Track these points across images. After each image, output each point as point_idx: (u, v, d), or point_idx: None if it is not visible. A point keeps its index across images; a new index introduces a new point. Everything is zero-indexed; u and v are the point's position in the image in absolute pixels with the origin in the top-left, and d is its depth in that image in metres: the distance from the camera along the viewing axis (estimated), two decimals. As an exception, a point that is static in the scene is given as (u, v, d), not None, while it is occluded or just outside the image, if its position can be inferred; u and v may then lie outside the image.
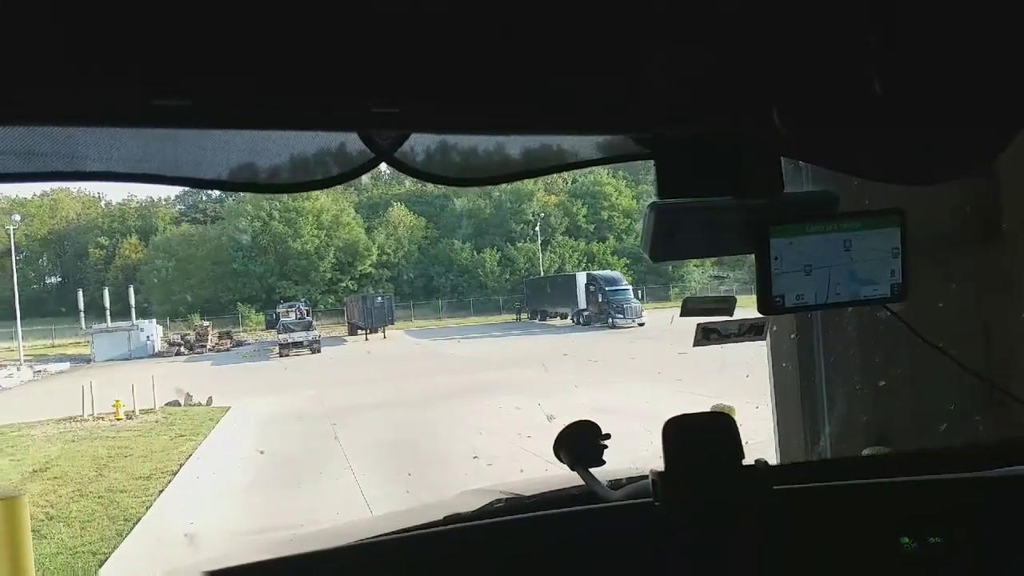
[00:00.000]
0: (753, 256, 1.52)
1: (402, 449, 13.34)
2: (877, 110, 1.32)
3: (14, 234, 51.17)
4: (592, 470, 1.90)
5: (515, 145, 1.53)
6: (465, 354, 29.77)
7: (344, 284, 58.36)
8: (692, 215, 1.56)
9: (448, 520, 1.74)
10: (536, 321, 46.84)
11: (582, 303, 41.91)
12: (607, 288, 39.66)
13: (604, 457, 1.95)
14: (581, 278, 43.05)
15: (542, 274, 55.18)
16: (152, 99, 1.01)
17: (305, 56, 1.06)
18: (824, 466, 2.21)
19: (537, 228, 59.69)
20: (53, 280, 64.33)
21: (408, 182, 73.95)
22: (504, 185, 64.92)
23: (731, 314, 2.63)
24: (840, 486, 1.70)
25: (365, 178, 73.88)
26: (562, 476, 1.97)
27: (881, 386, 2.54)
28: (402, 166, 1.34)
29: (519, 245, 59.99)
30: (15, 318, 41.36)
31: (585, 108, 1.22)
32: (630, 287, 41.01)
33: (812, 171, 2.25)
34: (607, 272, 45.12)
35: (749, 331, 2.79)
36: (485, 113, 1.21)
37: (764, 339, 2.77)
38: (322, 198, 61.76)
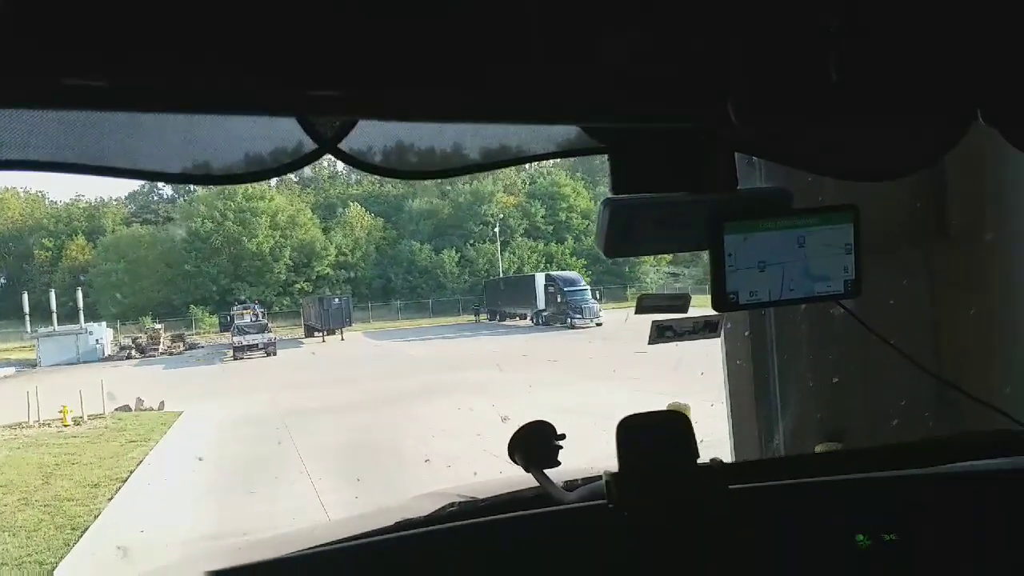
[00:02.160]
0: (708, 253, 1.50)
1: (359, 452, 13.19)
2: (830, 106, 1.32)
3: (-47, 235, 49.34)
4: (548, 471, 1.89)
5: (466, 137, 1.49)
6: (424, 355, 29.62)
7: (300, 285, 57.59)
8: (647, 211, 1.54)
9: (400, 526, 1.71)
10: (496, 322, 46.85)
11: (541, 304, 42.06)
12: (565, 289, 39.87)
13: (560, 457, 1.94)
14: (540, 279, 43.21)
15: (501, 275, 55.22)
16: (62, 79, 0.92)
17: (234, 30, 0.98)
18: (778, 464, 2.22)
19: (496, 229, 59.72)
20: (-4, 282, 62.16)
21: (366, 181, 73.39)
22: (463, 186, 64.97)
23: (686, 311, 2.63)
24: (795, 484, 1.69)
25: (321, 176, 73.16)
26: (518, 478, 1.95)
27: (835, 383, 2.58)
28: (345, 157, 1.29)
29: (478, 246, 59.95)
30: (-45, 322, 39.87)
31: (536, 97, 1.19)
32: (588, 288, 41.28)
33: (766, 168, 2.26)
34: (566, 273, 45.36)
35: (703, 328, 2.81)
36: (432, 100, 1.14)
37: (719, 336, 2.79)
38: (277, 198, 60.93)
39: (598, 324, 37.09)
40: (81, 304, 44.58)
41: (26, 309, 44.12)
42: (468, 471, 10.12)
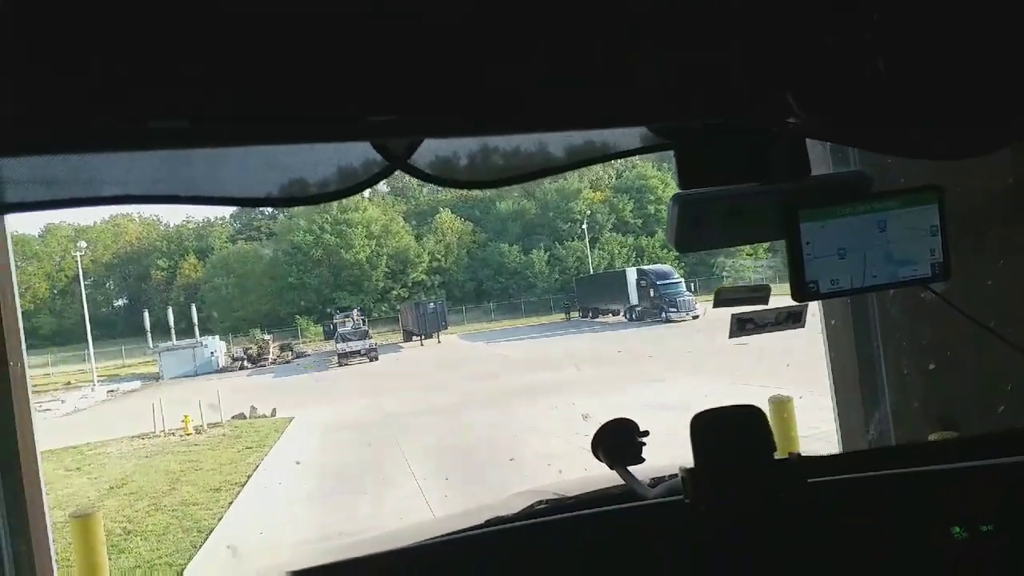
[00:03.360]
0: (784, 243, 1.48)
1: (459, 453, 13.44)
2: (905, 84, 1.28)
3: (81, 260, 53.33)
4: (633, 468, 1.90)
5: (530, 143, 1.51)
6: (519, 355, 29.82)
7: (396, 292, 59.15)
8: (717, 204, 1.53)
9: (489, 523, 1.76)
10: (588, 319, 46.63)
11: (633, 299, 41.57)
12: (658, 282, 39.24)
13: (652, 455, 1.95)
14: (631, 274, 42.73)
15: (591, 272, 54.92)
16: (149, 122, 1.01)
17: (302, 69, 1.05)
18: (863, 456, 2.15)
19: (584, 226, 59.43)
20: (120, 302, 66.83)
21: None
22: (549, 184, 64.91)
23: (766, 303, 2.57)
24: (879, 476, 1.64)
25: (411, 185, 74.67)
26: (610, 475, 1.97)
27: (935, 369, 2.47)
28: (415, 172, 1.34)
29: (567, 244, 59.85)
30: (87, 341, 43.06)
31: (599, 105, 1.21)
32: (682, 280, 40.49)
33: (846, 153, 2.19)
34: (657, 266, 44.65)
35: (786, 319, 2.74)
36: (495, 113, 1.18)
37: (802, 326, 2.71)
38: (371, 209, 62.75)
39: (694, 317, 36.30)
40: (196, 319, 47.29)
41: (147, 326, 47.20)
42: (567, 469, 10.15)
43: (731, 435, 1.60)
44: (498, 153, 1.53)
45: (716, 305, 2.66)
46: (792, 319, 2.73)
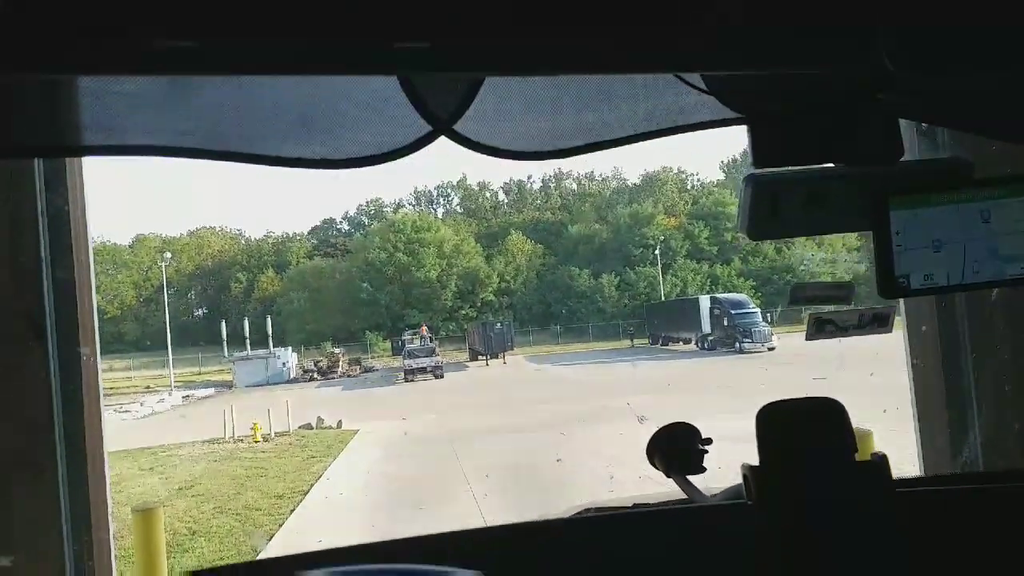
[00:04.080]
0: (872, 234, 1.28)
1: (520, 473, 13.21)
2: (1016, 61, 1.05)
3: (165, 270, 55.82)
4: (693, 478, 1.75)
5: (587, 113, 1.36)
6: (584, 379, 29.45)
7: (465, 311, 59.64)
8: (796, 187, 1.35)
9: (533, 524, 1.63)
10: (658, 346, 45.84)
11: (706, 327, 40.67)
12: (733, 311, 38.28)
13: (705, 464, 1.81)
14: (704, 301, 41.85)
15: (663, 298, 54.11)
16: (154, 40, 0.90)
17: None
18: (967, 479, 1.88)
19: (657, 251, 58.73)
20: (200, 312, 69.56)
21: (526, 209, 75.09)
22: (622, 209, 64.65)
23: (849, 302, 2.31)
24: (982, 490, 1.45)
25: (484, 206, 75.60)
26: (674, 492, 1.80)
27: None
28: (460, 138, 1.21)
29: (638, 269, 59.24)
30: (167, 347, 44.86)
31: (657, 43, 1.00)
32: (757, 310, 39.42)
33: (935, 140, 1.94)
34: (732, 295, 43.68)
35: (872, 322, 2.44)
36: (537, 50, 1.00)
37: (888, 330, 2.42)
38: (443, 228, 63.76)
39: (770, 349, 35.21)
40: (270, 330, 48.70)
41: (224, 336, 48.95)
42: (628, 494, 9.81)
43: (804, 430, 1.45)
44: (551, 123, 1.36)
45: (791, 303, 2.41)
46: (878, 322, 2.44)
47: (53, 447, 2.20)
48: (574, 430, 17.00)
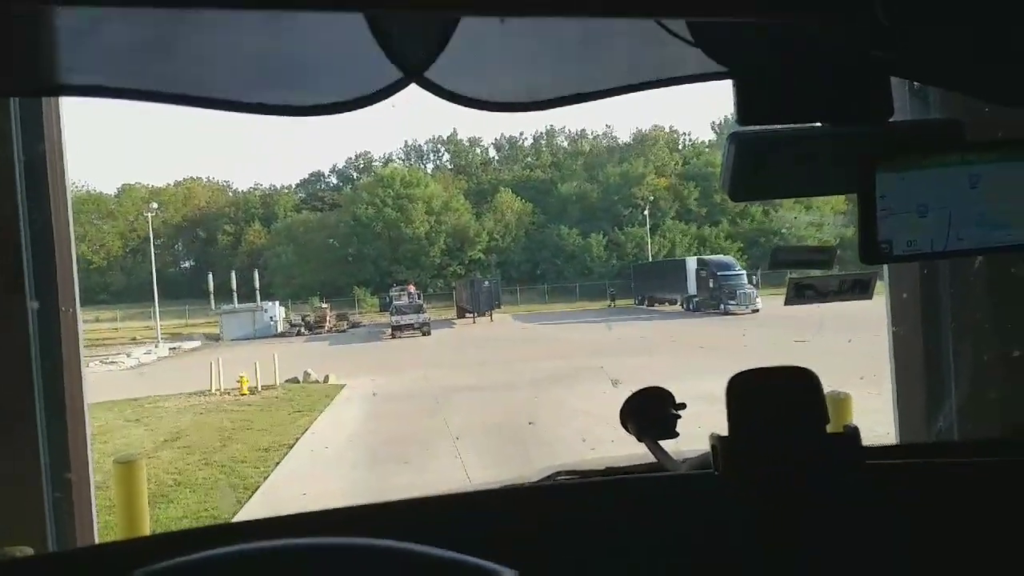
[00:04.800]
0: (855, 196, 1.25)
1: (504, 430, 13.36)
2: (1014, 18, 1.03)
3: (152, 221, 55.18)
4: (665, 443, 1.74)
5: (567, 63, 1.32)
6: (570, 338, 29.60)
7: (453, 269, 59.50)
8: (781, 146, 1.31)
9: (505, 489, 1.64)
10: (645, 307, 46.05)
11: (692, 289, 40.81)
12: (719, 273, 38.39)
13: (678, 429, 1.79)
14: (691, 263, 41.91)
15: (650, 259, 54.17)
16: None
17: None
18: (939, 449, 1.90)
19: (646, 212, 58.57)
20: (187, 264, 69.06)
21: (517, 167, 74.42)
22: (612, 168, 64.22)
23: (830, 267, 2.31)
24: (956, 464, 1.44)
25: (474, 163, 74.88)
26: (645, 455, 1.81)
27: (1017, 356, 2.18)
28: (431, 86, 1.17)
29: (627, 230, 59.12)
30: (154, 299, 44.60)
31: None
32: (744, 272, 39.50)
33: (936, 97, 1.91)
34: (719, 257, 43.72)
35: (852, 288, 2.43)
36: None
37: (869, 297, 2.42)
38: (432, 185, 63.18)
39: (754, 311, 35.44)
40: (258, 284, 48.48)
41: (211, 288, 48.68)
42: (608, 452, 9.95)
43: (775, 400, 1.41)
44: (528, 74, 1.32)
45: (772, 266, 2.41)
46: (859, 288, 2.44)
47: (32, 400, 2.19)
48: (556, 389, 17.16)
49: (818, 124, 1.33)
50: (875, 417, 3.00)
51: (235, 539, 0.94)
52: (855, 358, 11.59)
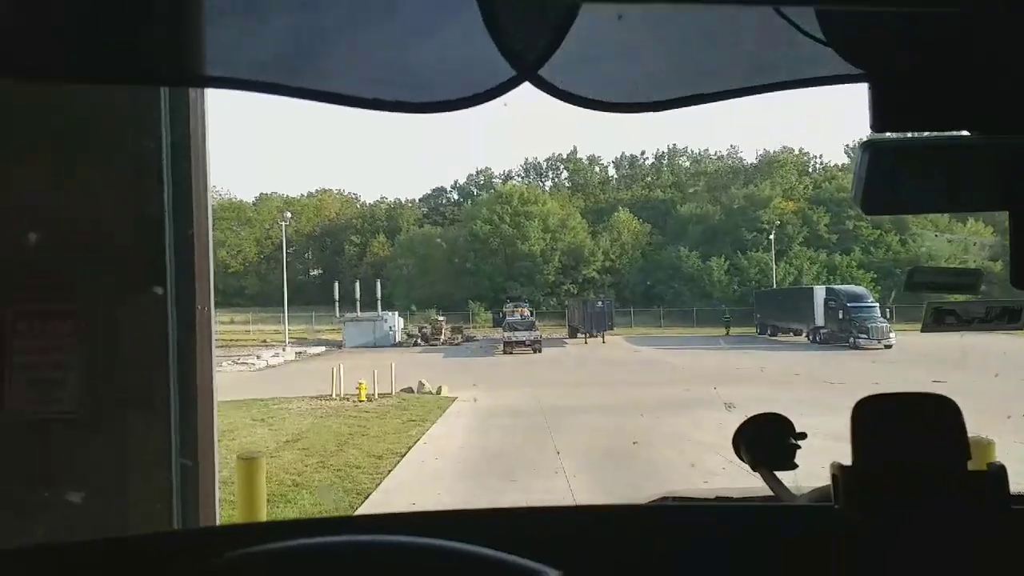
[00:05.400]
0: (1007, 214, 1.10)
1: (615, 454, 13.10)
2: None
3: (285, 229, 58.49)
4: (782, 474, 1.61)
5: (687, 62, 1.23)
6: (686, 365, 28.81)
7: (567, 287, 59.50)
8: (920, 156, 1.18)
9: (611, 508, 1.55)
10: (766, 336, 44.23)
11: (819, 320, 38.84)
12: (849, 304, 36.36)
13: (797, 459, 1.66)
14: (819, 292, 39.92)
15: (775, 286, 52.06)
16: None
17: None
18: None
19: (771, 236, 56.43)
20: (315, 272, 72.63)
21: (635, 186, 73.79)
22: (737, 191, 62.38)
23: (976, 292, 2.05)
24: None
25: (592, 181, 74.89)
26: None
27: None
28: (545, 85, 1.10)
29: (750, 254, 57.16)
30: (284, 304, 47.17)
31: None
32: (876, 304, 37.23)
33: None
34: (850, 287, 41.45)
35: (1000, 316, 2.16)
36: None
37: (1021, 327, 2.14)
38: (549, 202, 63.63)
39: (886, 346, 33.27)
40: (379, 294, 50.31)
41: (336, 297, 50.98)
42: (723, 483, 9.56)
43: (908, 429, 1.29)
44: (646, 71, 1.24)
45: (909, 288, 2.19)
46: (1009, 317, 2.17)
47: (167, 391, 2.28)
48: (667, 415, 16.70)
49: (964, 132, 1.18)
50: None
51: (317, 532, 0.94)
52: (1002, 399, 10.64)
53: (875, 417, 1.30)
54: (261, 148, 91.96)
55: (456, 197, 78.73)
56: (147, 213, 2.15)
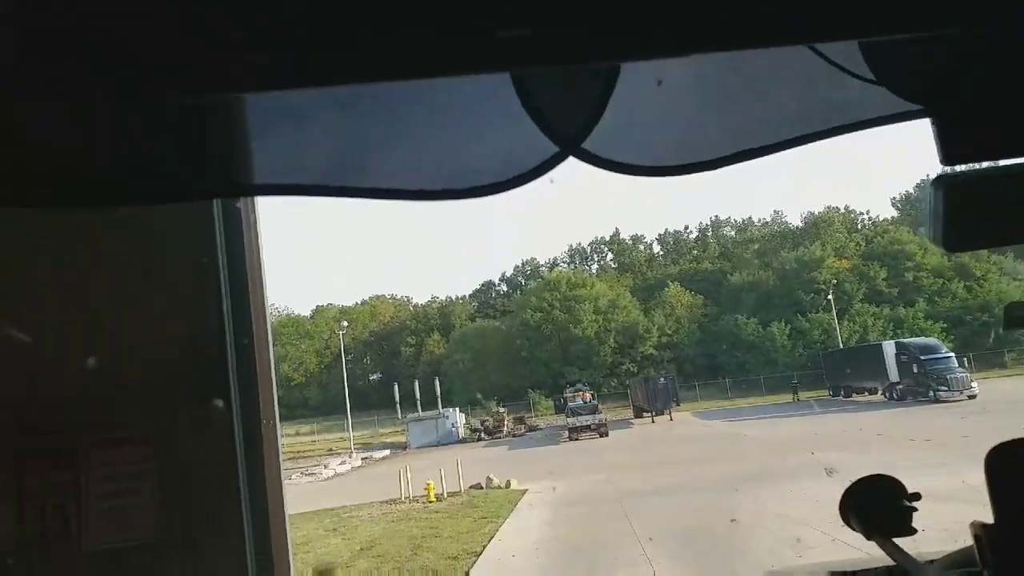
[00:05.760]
0: None
1: (697, 535, 12.46)
2: None
3: (343, 338, 59.58)
4: (900, 540, 1.46)
5: (731, 117, 1.17)
6: (760, 436, 27.75)
7: (626, 367, 58.69)
8: (995, 185, 1.11)
9: None
10: (840, 398, 42.52)
11: (893, 376, 37.29)
12: (922, 357, 34.87)
13: (915, 524, 1.50)
14: (889, 348, 38.51)
15: (840, 346, 50.42)
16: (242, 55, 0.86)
17: None
18: None
19: (830, 296, 55.12)
20: (375, 376, 73.39)
21: (682, 260, 73.55)
22: (786, 254, 61.57)
23: None
24: None
25: (638, 260, 74.97)
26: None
27: None
28: (591, 157, 1.08)
29: (811, 316, 55.80)
30: (346, 412, 47.52)
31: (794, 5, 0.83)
32: (951, 354, 35.64)
33: None
34: (921, 339, 39.91)
35: None
36: (667, 27, 0.86)
37: None
38: (598, 284, 63.73)
39: (970, 396, 31.61)
40: (439, 391, 50.36)
41: (396, 398, 51.18)
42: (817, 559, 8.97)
43: None
44: (690, 131, 1.20)
45: (1007, 327, 2.03)
46: None
47: (239, 509, 2.23)
48: (751, 488, 15.94)
49: None
50: None
51: None
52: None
53: (1015, 465, 1.18)
54: (313, 262, 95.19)
55: (505, 289, 79.56)
56: (208, 330, 2.15)
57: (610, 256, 79.36)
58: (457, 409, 47.37)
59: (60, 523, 2.02)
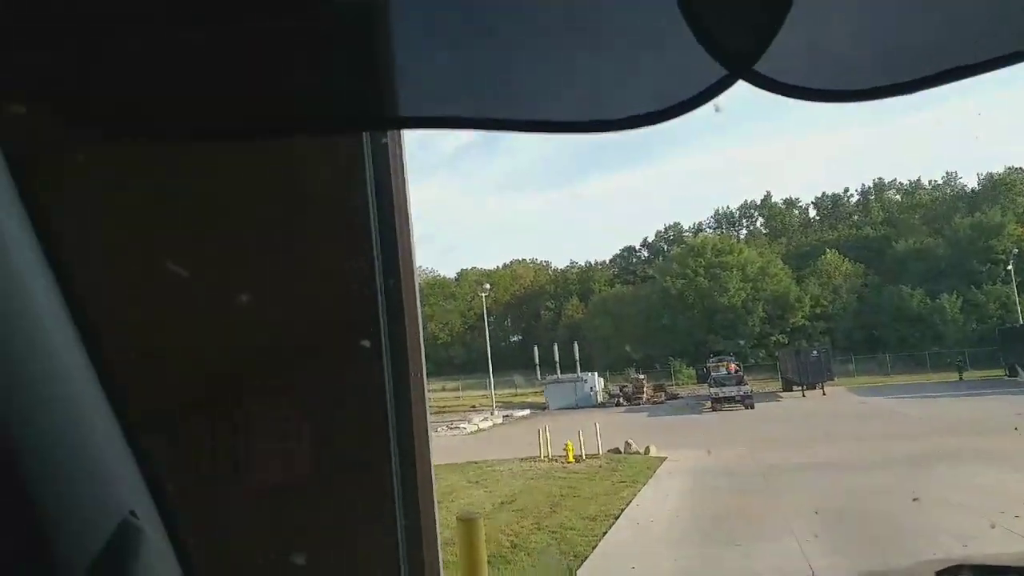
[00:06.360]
0: None
1: (848, 517, 11.79)
2: None
3: (485, 300, 61.03)
4: None
5: (916, 37, 1.02)
6: (920, 415, 25.79)
7: (775, 338, 56.23)
8: None
9: None
10: (1017, 379, 38.58)
11: (1087, 356, 33.33)
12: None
13: None
14: (1082, 324, 34.38)
15: (1021, 322, 45.60)
16: None
17: None
18: None
19: (1010, 267, 49.85)
20: (515, 338, 74.83)
21: (840, 226, 68.95)
22: (960, 220, 56.17)
23: None
24: None
25: (792, 225, 71.15)
26: None
27: None
28: (765, 81, 0.96)
29: (986, 288, 50.79)
30: (488, 371, 48.85)
31: None
32: None
33: None
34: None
35: None
36: None
37: None
38: (746, 251, 61.11)
39: None
40: (577, 356, 50.58)
41: (536, 360, 51.94)
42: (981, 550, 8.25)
43: None
44: (877, 50, 1.02)
45: None
46: None
47: (388, 457, 2.29)
48: (908, 472, 14.87)
49: None
50: None
51: None
52: None
53: None
54: (459, 226, 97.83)
55: (646, 255, 78.12)
56: (360, 278, 2.20)
57: (760, 221, 75.79)
58: (595, 374, 47.37)
59: (221, 465, 2.16)
